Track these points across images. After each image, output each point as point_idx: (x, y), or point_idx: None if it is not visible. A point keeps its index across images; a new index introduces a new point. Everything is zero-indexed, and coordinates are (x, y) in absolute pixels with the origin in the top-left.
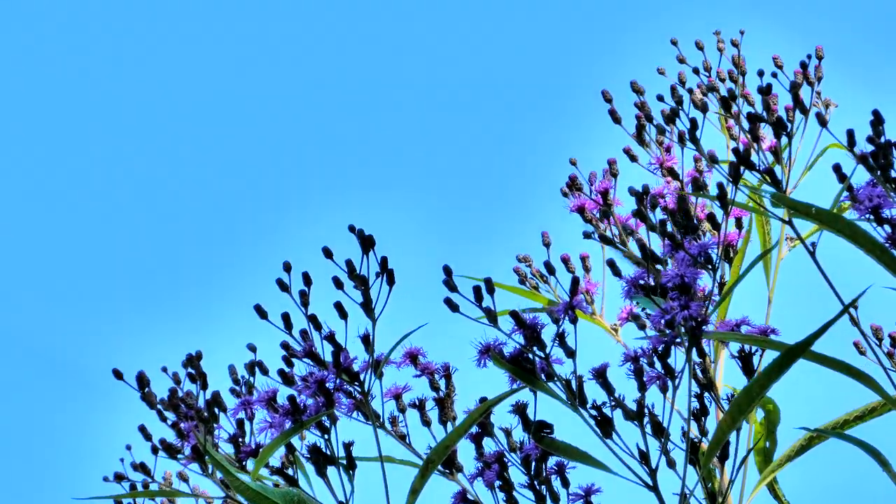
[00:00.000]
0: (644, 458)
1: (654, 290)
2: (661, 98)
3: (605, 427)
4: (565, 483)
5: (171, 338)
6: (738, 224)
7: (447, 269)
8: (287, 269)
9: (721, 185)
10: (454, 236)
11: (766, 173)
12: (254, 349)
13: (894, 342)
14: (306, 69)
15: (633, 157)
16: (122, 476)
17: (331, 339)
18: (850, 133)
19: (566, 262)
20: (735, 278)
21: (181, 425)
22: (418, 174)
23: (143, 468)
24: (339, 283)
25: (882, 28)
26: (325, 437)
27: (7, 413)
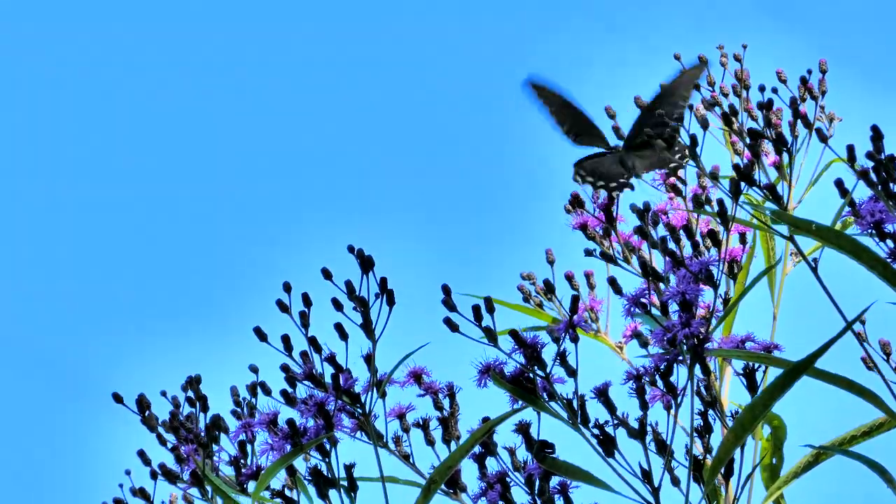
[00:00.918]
0: (647, 476)
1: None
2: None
3: (607, 446)
4: (568, 503)
5: (170, 360)
6: (742, 240)
7: (446, 289)
8: (287, 289)
9: (721, 202)
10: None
11: (768, 189)
12: (256, 370)
13: None
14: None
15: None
16: (122, 502)
17: (331, 360)
18: (851, 148)
19: (570, 279)
20: (739, 294)
21: (181, 449)
22: (420, 194)
23: (142, 493)
24: (338, 305)
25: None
26: (326, 460)
27: (6, 437)
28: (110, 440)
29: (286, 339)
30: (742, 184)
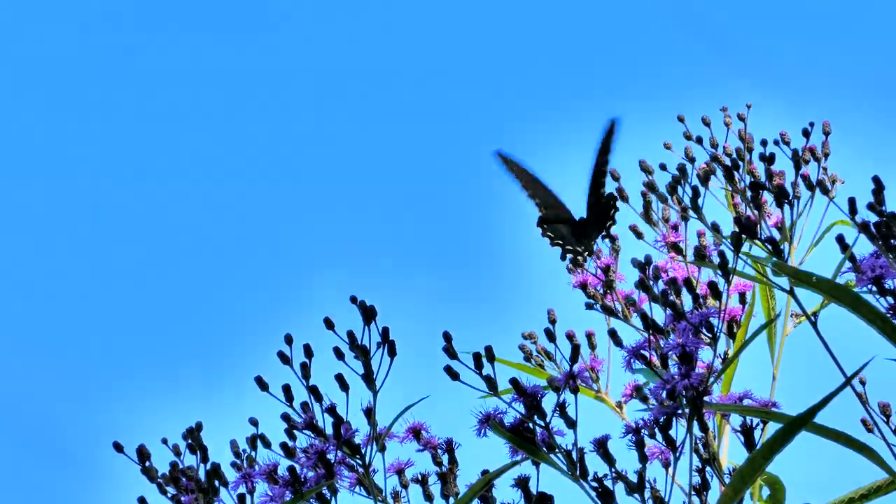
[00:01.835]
0: None
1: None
2: (663, 167)
3: (606, 499)
4: None
5: (171, 410)
6: (742, 300)
7: (447, 336)
8: (288, 341)
9: (722, 253)
10: (458, 314)
11: (769, 242)
12: (255, 423)
13: None
14: (306, 152)
15: (639, 234)
16: None
17: (332, 411)
18: (852, 201)
19: (571, 338)
20: (738, 347)
21: (181, 499)
22: (422, 251)
23: None
24: (340, 354)
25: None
26: None
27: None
28: (111, 490)
29: (287, 388)
30: (743, 236)
